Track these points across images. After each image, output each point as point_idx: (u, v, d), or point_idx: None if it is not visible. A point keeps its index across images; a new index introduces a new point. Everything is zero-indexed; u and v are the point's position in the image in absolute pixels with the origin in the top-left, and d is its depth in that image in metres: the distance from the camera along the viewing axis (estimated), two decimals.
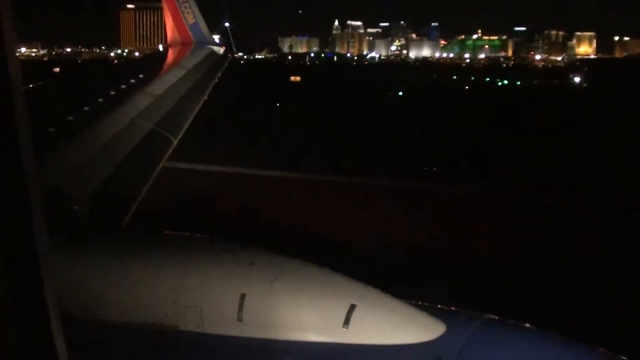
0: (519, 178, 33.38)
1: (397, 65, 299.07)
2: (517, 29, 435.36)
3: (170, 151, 13.75)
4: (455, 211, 25.36)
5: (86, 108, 13.45)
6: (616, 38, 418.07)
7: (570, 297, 15.92)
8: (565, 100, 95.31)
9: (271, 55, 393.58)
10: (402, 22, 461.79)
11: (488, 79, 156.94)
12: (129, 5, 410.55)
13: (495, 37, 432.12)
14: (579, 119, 63.42)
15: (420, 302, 5.43)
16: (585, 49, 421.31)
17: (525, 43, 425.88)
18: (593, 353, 5.04)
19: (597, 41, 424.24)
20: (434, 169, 38.01)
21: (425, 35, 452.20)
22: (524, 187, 30.34)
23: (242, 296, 5.32)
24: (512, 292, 15.61)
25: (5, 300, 2.44)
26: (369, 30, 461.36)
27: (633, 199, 26.28)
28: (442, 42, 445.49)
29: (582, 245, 20.34)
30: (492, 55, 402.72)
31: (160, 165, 12.66)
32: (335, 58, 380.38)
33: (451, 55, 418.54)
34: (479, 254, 19.48)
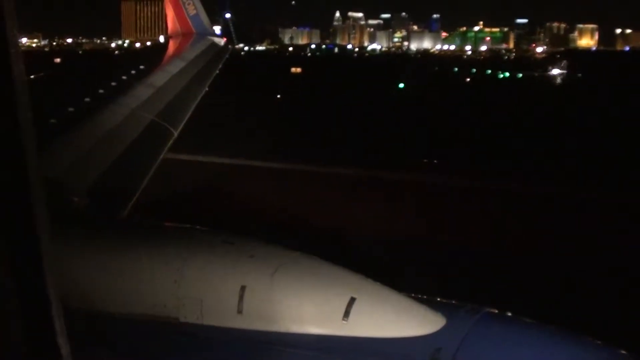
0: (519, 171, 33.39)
1: (398, 57, 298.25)
2: (518, 21, 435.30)
3: (170, 142, 13.76)
4: (449, 203, 25.36)
5: (87, 99, 13.45)
6: (618, 31, 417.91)
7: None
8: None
9: (272, 47, 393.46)
10: (404, 13, 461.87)
11: (490, 71, 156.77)
12: None
13: (497, 29, 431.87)
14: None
15: (420, 295, 5.44)
16: (587, 41, 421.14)
17: (526, 35, 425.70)
18: (593, 346, 5.05)
19: (599, 33, 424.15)
20: (435, 161, 38.04)
21: (427, 27, 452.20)
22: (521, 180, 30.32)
23: (242, 288, 5.33)
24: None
25: (7, 298, 2.44)
26: (370, 21, 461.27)
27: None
28: (444, 34, 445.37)
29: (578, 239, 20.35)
30: (494, 47, 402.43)
31: (161, 156, 12.67)
32: (336, 49, 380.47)
33: (452, 47, 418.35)
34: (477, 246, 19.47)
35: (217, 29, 28.65)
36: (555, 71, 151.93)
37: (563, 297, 15.67)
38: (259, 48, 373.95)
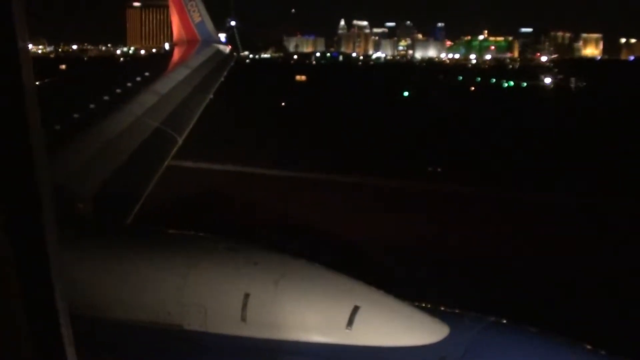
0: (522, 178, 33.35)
1: (403, 66, 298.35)
2: (523, 30, 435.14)
3: (175, 150, 13.77)
4: (454, 211, 25.36)
5: (92, 106, 13.48)
6: (623, 40, 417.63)
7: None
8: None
9: (277, 55, 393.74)
10: (409, 22, 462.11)
11: (494, 80, 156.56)
12: (135, 3, 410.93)
13: (502, 38, 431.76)
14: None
15: (423, 304, 5.42)
16: (592, 50, 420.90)
17: (531, 44, 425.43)
18: (596, 356, 5.03)
19: (603, 43, 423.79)
20: (438, 169, 37.98)
21: (432, 35, 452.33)
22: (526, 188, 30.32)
23: (246, 296, 5.32)
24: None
25: (16, 304, 2.44)
26: (375, 30, 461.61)
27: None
28: (448, 42, 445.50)
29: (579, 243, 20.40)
30: (498, 56, 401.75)
31: (165, 163, 12.69)
32: (340, 58, 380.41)
33: (457, 56, 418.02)
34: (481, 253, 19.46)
35: (222, 37, 28.66)
36: (548, 80, 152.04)
37: None
38: (264, 56, 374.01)
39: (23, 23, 2.35)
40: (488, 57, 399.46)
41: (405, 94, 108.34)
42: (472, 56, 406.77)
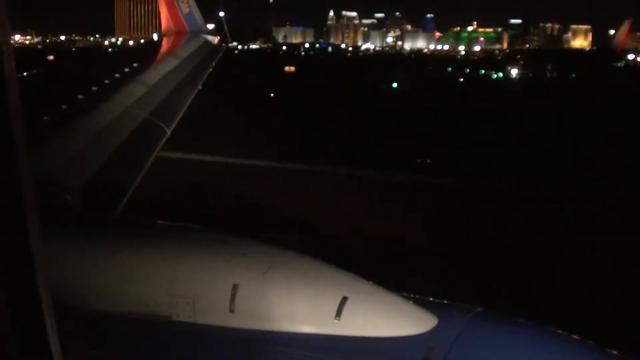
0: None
1: (392, 57, 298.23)
2: (512, 21, 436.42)
3: (163, 141, 13.74)
4: (444, 202, 25.42)
5: (80, 96, 13.42)
6: (612, 31, 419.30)
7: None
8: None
9: (266, 45, 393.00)
10: (398, 13, 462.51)
11: (483, 72, 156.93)
12: None
13: (491, 30, 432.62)
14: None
15: (412, 295, 5.44)
16: (581, 42, 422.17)
17: (520, 36, 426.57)
18: (584, 346, 5.06)
19: (592, 34, 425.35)
20: (428, 161, 38.01)
21: (421, 26, 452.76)
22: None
23: (235, 287, 5.32)
24: None
25: None
26: (364, 21, 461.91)
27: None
28: (438, 33, 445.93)
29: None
30: (487, 47, 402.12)
31: (154, 154, 12.66)
32: (329, 49, 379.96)
33: (446, 47, 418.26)
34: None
35: (211, 27, 28.53)
36: (515, 71, 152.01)
37: None
38: (252, 46, 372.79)
39: (3, 13, 2.32)
40: (477, 48, 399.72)
41: (394, 85, 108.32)
42: (461, 47, 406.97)
